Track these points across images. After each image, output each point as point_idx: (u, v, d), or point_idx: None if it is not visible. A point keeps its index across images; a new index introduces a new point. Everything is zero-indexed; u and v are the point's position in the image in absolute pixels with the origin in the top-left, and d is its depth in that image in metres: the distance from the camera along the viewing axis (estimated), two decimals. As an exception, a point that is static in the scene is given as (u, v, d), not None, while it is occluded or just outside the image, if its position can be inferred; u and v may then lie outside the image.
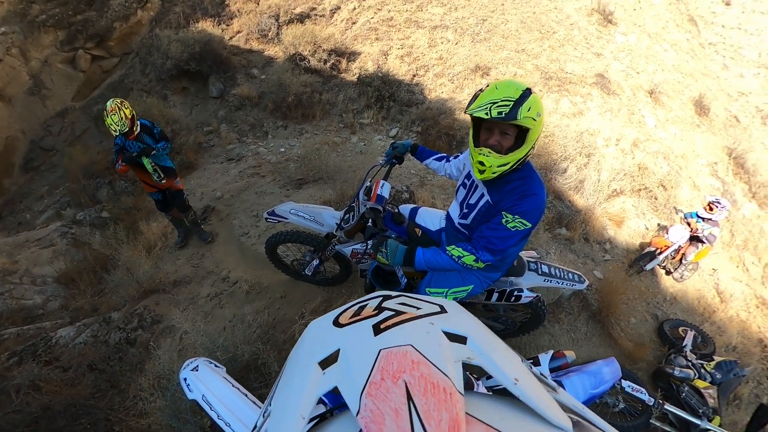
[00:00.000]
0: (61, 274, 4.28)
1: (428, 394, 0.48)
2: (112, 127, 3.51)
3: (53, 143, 7.54)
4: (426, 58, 8.23)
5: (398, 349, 0.54)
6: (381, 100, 7.44)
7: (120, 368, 3.17)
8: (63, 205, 5.52)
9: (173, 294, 3.86)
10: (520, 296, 2.53)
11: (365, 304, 0.72)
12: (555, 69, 8.44)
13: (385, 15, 8.69)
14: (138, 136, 3.74)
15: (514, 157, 1.76)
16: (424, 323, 0.61)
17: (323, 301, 3.49)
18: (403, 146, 2.63)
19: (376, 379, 0.50)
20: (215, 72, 7.54)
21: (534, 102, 1.66)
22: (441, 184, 5.40)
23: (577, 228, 5.16)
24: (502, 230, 1.84)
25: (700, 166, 8.28)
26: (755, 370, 4.47)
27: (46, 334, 3.44)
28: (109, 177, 5.67)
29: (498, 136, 1.76)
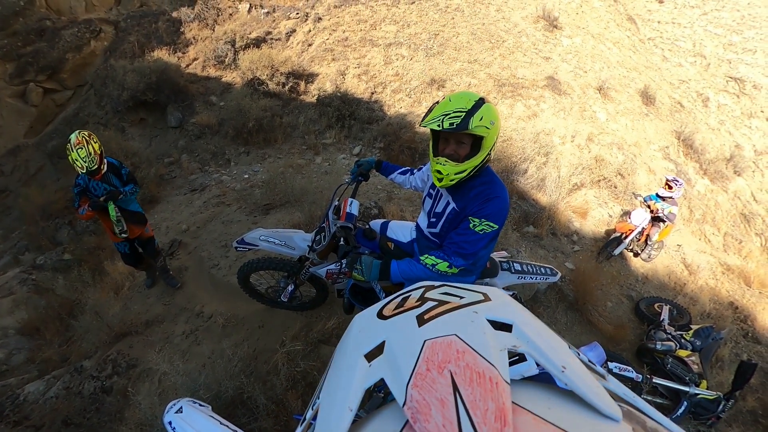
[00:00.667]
0: (24, 325, 4.12)
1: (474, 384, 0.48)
2: (78, 164, 3.12)
3: (6, 183, 7.24)
4: (383, 75, 8.44)
5: (443, 339, 0.55)
6: (342, 119, 7.55)
7: (98, 420, 3.08)
8: (21, 250, 5.32)
9: (147, 335, 3.75)
10: None
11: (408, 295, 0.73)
12: (507, 76, 8.78)
13: (340, 35, 8.86)
14: (104, 176, 3.41)
15: (471, 164, 1.86)
16: (468, 312, 0.61)
17: (303, 326, 3.47)
18: (367, 163, 2.70)
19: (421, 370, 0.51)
20: (173, 101, 7.48)
21: (486, 111, 1.75)
22: (408, 197, 5.52)
23: (543, 224, 5.40)
24: (470, 234, 1.90)
25: (652, 151, 8.82)
26: (731, 331, 4.76)
27: (13, 392, 3.32)
28: (68, 217, 5.52)
29: (454, 145, 1.86)
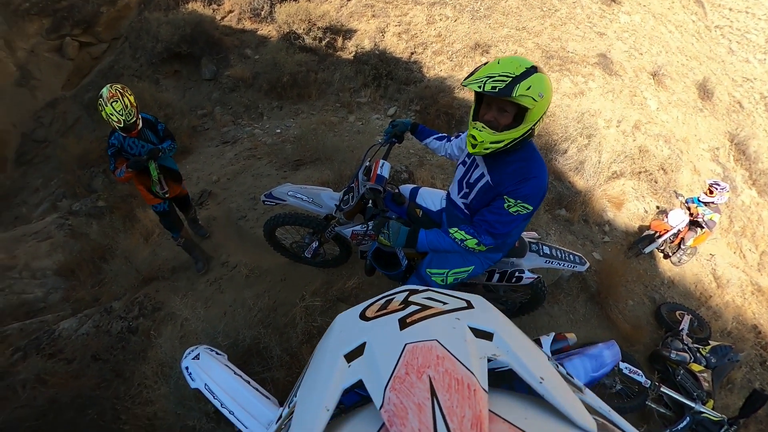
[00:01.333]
0: (61, 267, 4.22)
1: (452, 390, 0.47)
2: (113, 118, 2.86)
3: (45, 135, 7.38)
4: (424, 35, 8.02)
5: (423, 343, 0.54)
6: (378, 78, 7.26)
7: (123, 357, 3.16)
8: (58, 197, 5.44)
9: (173, 280, 3.82)
10: (521, 277, 2.52)
11: (392, 298, 0.71)
12: (556, 48, 8.25)
13: (382, -8, 8.41)
14: (140, 132, 3.16)
15: (509, 136, 1.71)
16: (451, 318, 0.60)
17: (323, 283, 3.45)
18: (402, 124, 2.56)
19: (400, 374, 0.50)
20: (207, 54, 7.33)
21: (537, 81, 1.60)
22: (440, 164, 5.30)
23: (576, 209, 5.11)
24: (504, 215, 1.83)
25: (701, 150, 8.17)
26: (748, 356, 4.52)
27: (49, 327, 3.42)
28: (103, 166, 5.57)
29: (495, 112, 1.72)
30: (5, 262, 4.22)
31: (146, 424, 2.69)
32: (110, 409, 2.78)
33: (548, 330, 3.41)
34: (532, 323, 3.45)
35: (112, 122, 2.91)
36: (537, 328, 3.45)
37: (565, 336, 1.85)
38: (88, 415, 2.66)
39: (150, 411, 2.68)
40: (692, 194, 6.01)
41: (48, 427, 2.47)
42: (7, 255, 4.33)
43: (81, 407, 2.69)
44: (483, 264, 2.26)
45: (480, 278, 2.58)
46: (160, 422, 2.66)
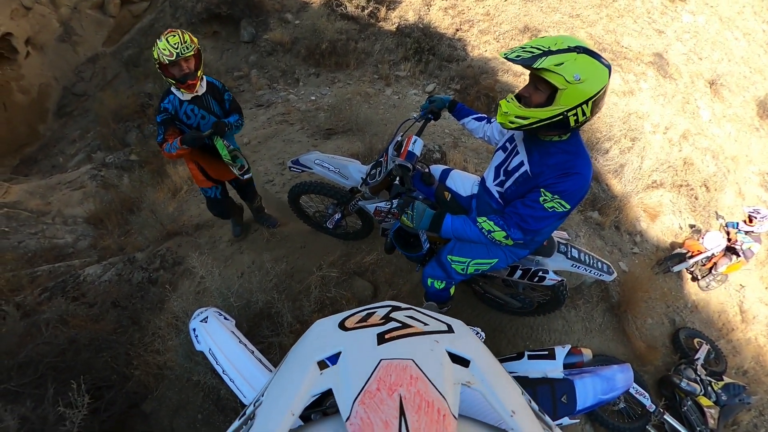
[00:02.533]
0: (91, 215, 4.30)
1: (421, 412, 0.46)
2: (165, 52, 2.32)
3: (85, 89, 7.51)
4: (472, 12, 7.64)
5: (399, 362, 0.53)
6: (420, 53, 6.98)
7: (141, 306, 3.20)
8: (94, 149, 5.53)
9: (195, 237, 3.83)
10: (544, 278, 2.40)
11: (373, 311, 0.70)
12: (610, 41, 7.74)
13: (431, -36, 8.08)
14: (202, 99, 2.62)
15: (534, 115, 1.58)
16: (429, 340, 0.59)
17: (342, 255, 3.39)
18: (440, 101, 2.44)
19: (371, 388, 0.49)
20: (247, 16, 7.23)
21: (576, 61, 1.46)
22: (475, 148, 5.10)
23: (610, 214, 4.81)
24: (538, 209, 1.70)
25: (750, 173, 7.50)
26: (761, 401, 4.21)
27: (75, 272, 3.47)
28: (138, 121, 5.62)
29: (531, 87, 1.61)
30: (40, 208, 4.31)
31: (155, 372, 2.75)
32: (124, 353, 2.83)
33: (561, 334, 3.31)
34: (547, 325, 3.31)
35: (163, 57, 2.33)
36: (551, 330, 3.31)
37: (581, 351, 1.76)
38: (102, 357, 2.71)
39: (160, 360, 2.74)
40: (733, 218, 5.53)
41: (65, 365, 2.52)
42: (43, 201, 4.42)
43: (97, 349, 2.74)
44: (507, 258, 2.17)
45: (501, 272, 2.49)
46: (169, 372, 2.71)
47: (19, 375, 2.35)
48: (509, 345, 3.14)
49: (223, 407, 2.56)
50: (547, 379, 1.65)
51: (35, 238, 3.88)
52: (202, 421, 2.62)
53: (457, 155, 4.57)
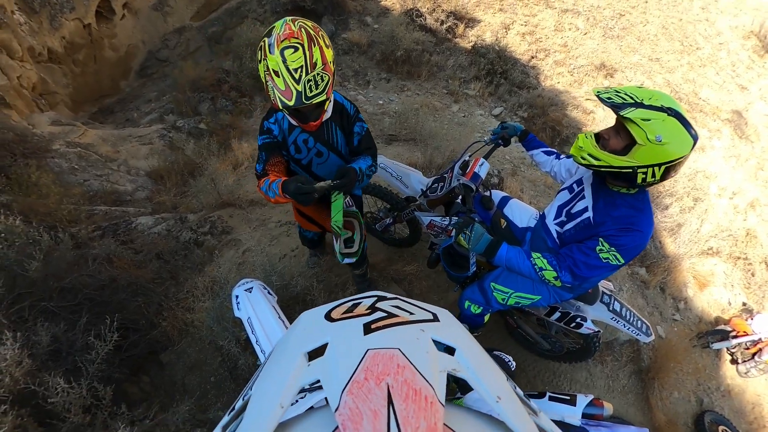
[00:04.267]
0: (153, 170, 4.49)
1: (409, 400, 0.47)
2: (278, 84, 1.54)
3: (168, 55, 7.92)
4: (549, 41, 7.60)
5: (385, 351, 0.54)
6: (492, 74, 6.97)
7: (183, 264, 3.29)
8: (167, 111, 5.77)
9: (247, 211, 3.91)
10: (581, 325, 2.35)
11: (359, 302, 0.71)
12: (688, 91, 7.45)
13: (515, -16, 8.08)
14: (325, 127, 1.93)
15: (607, 159, 1.58)
16: (415, 329, 0.60)
17: (384, 259, 3.39)
18: (513, 128, 2.43)
19: (359, 378, 0.50)
20: (329, 13, 7.43)
21: (663, 122, 1.45)
22: (533, 179, 5.00)
23: (657, 274, 4.55)
24: (593, 257, 1.70)
25: None
26: None
27: (129, 219, 3.61)
28: (212, 94, 5.83)
29: (612, 131, 1.62)
30: (109, 154, 4.53)
31: (181, 327, 2.84)
32: (156, 303, 2.92)
33: (582, 387, 3.17)
34: (569, 374, 3.16)
35: (274, 93, 1.56)
36: (573, 381, 3.16)
37: (602, 404, 1.74)
38: (136, 302, 2.79)
39: (189, 317, 2.82)
40: None
41: (102, 300, 2.61)
42: (113, 149, 4.65)
43: (133, 293, 2.82)
44: (550, 298, 2.15)
45: (540, 310, 2.45)
46: (194, 330, 2.79)
47: (59, 298, 2.44)
48: (528, 385, 3.02)
49: (237, 377, 2.60)
50: (564, 423, 1.64)
51: (99, 180, 4.07)
52: (213, 383, 2.69)
53: (514, 183, 4.50)
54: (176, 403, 2.28)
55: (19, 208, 2.96)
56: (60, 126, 4.75)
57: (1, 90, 4.56)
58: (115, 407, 2.04)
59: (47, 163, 3.87)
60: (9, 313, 2.13)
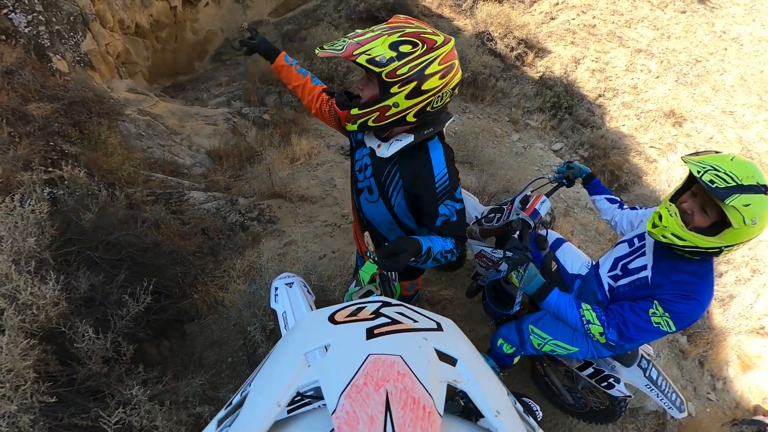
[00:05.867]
0: (213, 150, 4.63)
1: (407, 408, 0.46)
2: None
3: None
4: (619, 81, 7.36)
5: (387, 357, 0.53)
6: (556, 108, 6.82)
7: (225, 244, 3.35)
8: (235, 97, 5.97)
9: (296, 206, 3.97)
10: (612, 386, 2.22)
11: (363, 306, 0.70)
12: (762, 150, 7.01)
13: (588, 20, 7.89)
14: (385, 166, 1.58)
15: (694, 240, 1.48)
16: (418, 337, 0.60)
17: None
18: (579, 170, 2.38)
19: (358, 383, 0.49)
20: (403, 26, 7.52)
21: (760, 204, 1.37)
22: (586, 223, 4.84)
23: (699, 345, 4.23)
24: (644, 320, 1.62)
25: None
26: None
27: (182, 191, 3.73)
28: (279, 88, 5.97)
29: (697, 206, 1.52)
30: (175, 128, 4.72)
31: (211, 303, 2.88)
32: (193, 275, 2.96)
33: None
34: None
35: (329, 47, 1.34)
36: None
37: None
38: (174, 270, 2.86)
39: (220, 296, 2.87)
40: None
41: (142, 261, 2.67)
42: (179, 123, 4.84)
43: (173, 261, 2.88)
44: (588, 352, 2.07)
45: (573, 363, 2.36)
46: (224, 309, 2.83)
47: (104, 250, 2.51)
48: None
49: (254, 363, 2.59)
50: None
51: (162, 149, 4.23)
52: (229, 364, 2.71)
53: (565, 224, 4.38)
54: (190, 375, 2.30)
55: (85, 161, 3.10)
56: (135, 94, 5.00)
57: (90, 54, 4.84)
58: (132, 365, 2.06)
59: (118, 125, 4.06)
60: (56, 254, 2.19)
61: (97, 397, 1.91)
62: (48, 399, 1.62)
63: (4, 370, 1.54)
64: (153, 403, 1.85)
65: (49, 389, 1.65)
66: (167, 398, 2.00)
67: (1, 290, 1.74)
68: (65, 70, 4.19)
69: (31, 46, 3.88)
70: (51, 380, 1.74)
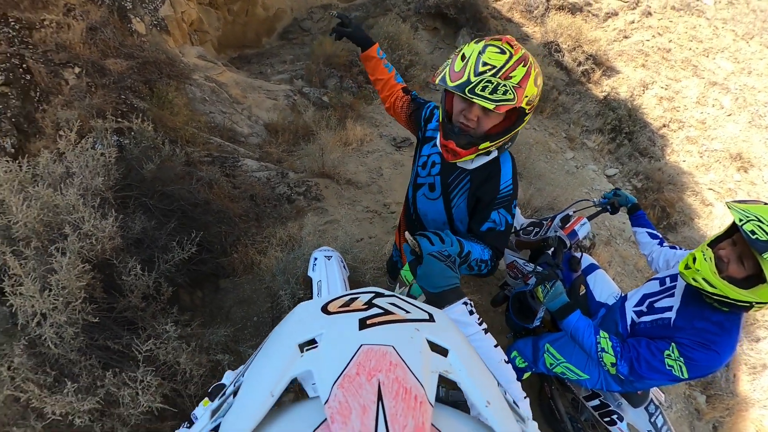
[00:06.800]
0: (270, 123, 4.77)
1: (399, 398, 0.47)
2: (456, 66, 1.28)
3: (310, 26, 8.40)
4: (687, 113, 6.95)
5: (379, 347, 0.53)
6: (616, 132, 6.56)
7: (270, 212, 3.51)
8: (297, 76, 6.11)
9: (342, 188, 4.08)
10: (614, 422, 2.20)
11: (356, 297, 0.71)
12: None
13: (664, 43, 7.49)
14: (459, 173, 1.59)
15: (725, 291, 1.45)
16: (410, 328, 0.60)
17: None
18: (626, 198, 2.37)
19: (351, 373, 0.49)
20: (469, 26, 7.37)
21: None
22: (626, 256, 4.66)
23: (717, 410, 3.94)
24: (657, 360, 1.61)
25: None
26: None
27: (237, 157, 3.88)
28: (341, 72, 6.07)
29: (734, 255, 1.48)
30: (238, 97, 4.89)
31: (248, 264, 3.03)
32: (235, 236, 3.13)
33: None
34: None
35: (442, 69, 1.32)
36: None
37: None
38: (219, 228, 3.03)
39: (258, 259, 2.99)
40: None
41: (191, 215, 2.83)
42: (242, 93, 5.02)
43: (219, 220, 3.06)
44: (597, 382, 2.05)
45: (581, 391, 2.35)
46: (258, 271, 2.95)
47: (159, 199, 2.68)
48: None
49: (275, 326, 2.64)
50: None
51: (223, 116, 4.40)
52: (254, 323, 2.84)
53: (604, 253, 4.26)
54: (217, 325, 2.43)
55: (152, 117, 3.27)
56: (204, 61, 5.21)
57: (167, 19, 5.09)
58: (167, 306, 2.22)
59: (185, 88, 4.25)
60: (117, 196, 2.37)
61: (131, 328, 2.07)
62: (91, 319, 1.80)
63: (60, 286, 1.71)
64: (180, 341, 1.98)
65: (93, 311, 1.83)
66: (193, 341, 2.14)
67: (68, 218, 1.93)
68: (143, 32, 4.44)
69: (115, 7, 4.13)
70: (95, 304, 1.90)
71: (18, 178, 1.96)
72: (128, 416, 1.74)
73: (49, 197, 1.92)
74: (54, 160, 2.14)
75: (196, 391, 2.04)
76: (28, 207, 1.84)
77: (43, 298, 1.66)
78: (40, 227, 1.89)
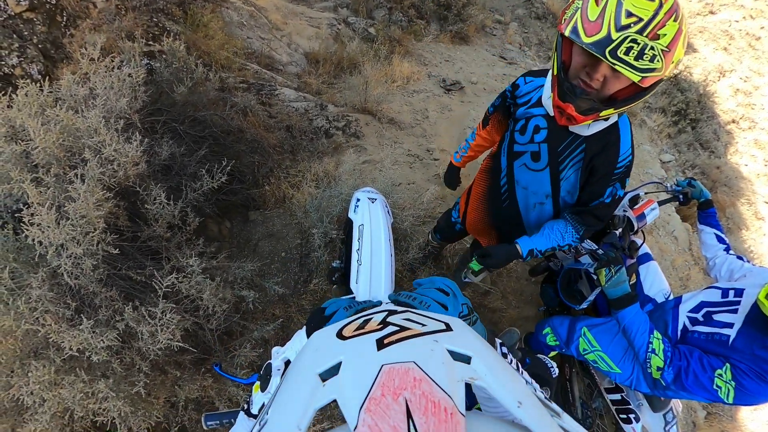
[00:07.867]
0: (311, 53, 4.48)
1: (428, 413, 0.45)
2: (592, 16, 1.03)
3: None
4: (762, 114, 6.36)
5: (401, 365, 0.51)
6: (680, 116, 6.05)
7: (306, 145, 3.35)
8: (343, 4, 5.71)
9: (383, 127, 3.87)
10: (630, 421, 2.12)
11: (370, 317, 0.69)
12: None
13: (754, 28, 6.74)
14: (573, 140, 1.39)
15: None
16: (429, 340, 0.58)
17: None
18: (700, 192, 2.15)
19: (376, 395, 0.47)
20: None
21: None
22: (665, 250, 4.37)
23: (712, 428, 3.81)
24: (707, 377, 1.51)
25: None
26: None
27: (274, 85, 3.64)
28: (391, 4, 5.68)
29: None
30: (278, 23, 4.56)
31: (280, 198, 2.96)
32: (269, 167, 3.02)
33: None
34: None
35: (572, 16, 1.07)
36: None
37: None
38: (252, 158, 2.91)
39: (290, 193, 2.94)
40: None
41: (223, 143, 2.70)
42: (282, 19, 4.67)
43: (252, 150, 2.94)
44: (628, 379, 1.90)
45: (605, 381, 2.25)
46: (290, 206, 2.90)
47: (190, 125, 2.53)
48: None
49: (304, 264, 2.67)
50: None
51: (261, 42, 4.12)
52: (281, 259, 2.75)
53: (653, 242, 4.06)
54: (243, 259, 2.33)
55: (185, 40, 3.05)
56: (244, -20, 4.82)
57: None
58: (193, 237, 2.12)
59: (221, 11, 3.98)
60: (145, 119, 2.20)
61: (155, 257, 1.98)
62: (111, 250, 1.69)
63: (78, 215, 1.60)
64: (204, 276, 1.89)
65: (114, 241, 1.72)
66: (218, 275, 2.06)
67: (88, 142, 1.79)
68: (174, -51, 4.08)
69: None
70: (117, 233, 1.79)
71: (38, 101, 1.82)
72: (147, 351, 1.67)
73: (69, 120, 1.78)
74: (77, 81, 1.99)
75: (218, 326, 1.99)
76: (46, 131, 1.70)
77: (60, 228, 1.55)
78: (60, 152, 1.76)
